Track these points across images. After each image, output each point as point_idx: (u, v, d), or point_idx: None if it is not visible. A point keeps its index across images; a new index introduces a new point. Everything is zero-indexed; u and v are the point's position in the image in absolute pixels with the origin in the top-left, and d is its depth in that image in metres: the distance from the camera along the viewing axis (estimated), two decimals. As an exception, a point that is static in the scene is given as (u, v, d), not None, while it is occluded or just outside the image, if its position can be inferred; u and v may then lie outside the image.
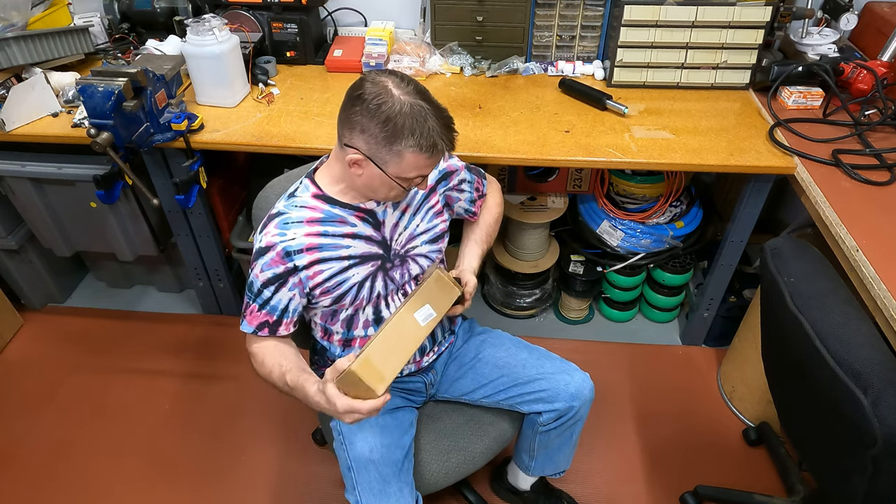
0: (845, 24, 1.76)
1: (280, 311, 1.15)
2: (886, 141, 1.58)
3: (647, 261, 2.00)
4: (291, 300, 1.15)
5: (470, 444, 1.35)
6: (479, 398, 1.38)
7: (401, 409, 1.33)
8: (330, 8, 2.04)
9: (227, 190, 2.03)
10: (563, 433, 1.37)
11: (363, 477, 1.19)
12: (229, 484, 1.76)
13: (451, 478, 1.33)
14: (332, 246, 1.15)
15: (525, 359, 1.35)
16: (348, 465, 1.22)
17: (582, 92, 1.78)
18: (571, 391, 1.29)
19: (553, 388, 1.29)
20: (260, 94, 1.79)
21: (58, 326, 2.24)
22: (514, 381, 1.32)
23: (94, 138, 1.47)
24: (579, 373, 1.32)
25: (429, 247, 1.27)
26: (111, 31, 2.00)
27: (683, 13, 1.70)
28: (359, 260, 1.17)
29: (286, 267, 1.12)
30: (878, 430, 0.87)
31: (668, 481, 1.75)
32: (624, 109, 1.69)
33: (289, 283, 1.13)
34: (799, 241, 1.17)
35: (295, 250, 1.11)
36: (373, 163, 1.05)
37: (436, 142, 1.01)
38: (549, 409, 1.31)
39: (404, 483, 1.21)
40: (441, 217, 1.29)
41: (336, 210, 1.16)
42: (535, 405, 1.32)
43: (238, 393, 1.99)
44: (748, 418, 1.88)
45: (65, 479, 1.78)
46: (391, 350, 1.00)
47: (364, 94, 1.00)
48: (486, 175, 1.40)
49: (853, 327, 0.96)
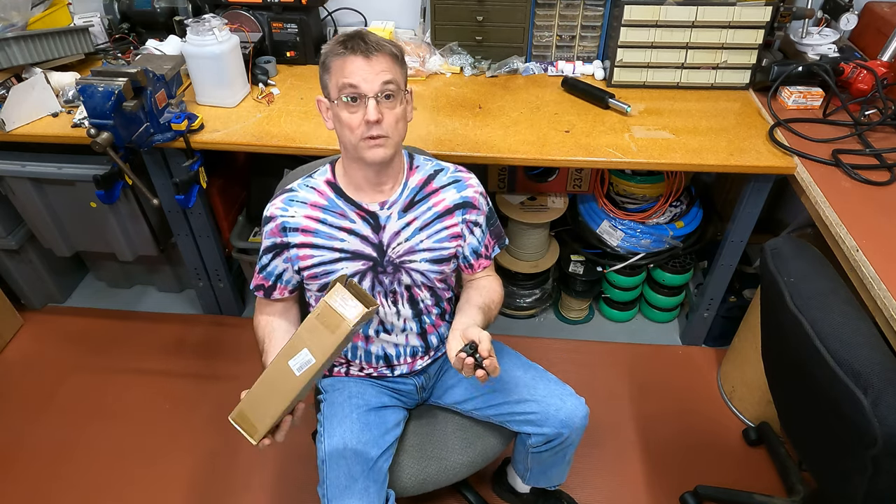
0: (845, 24, 1.76)
1: (274, 276, 1.25)
2: (886, 141, 1.58)
3: (647, 261, 2.00)
4: (285, 271, 1.24)
5: (452, 454, 1.32)
6: (469, 409, 1.35)
7: (388, 408, 1.32)
8: (330, 8, 2.04)
9: (227, 190, 2.03)
10: (556, 455, 1.34)
11: (333, 472, 1.19)
12: (229, 484, 1.76)
13: (428, 485, 1.29)
14: (326, 235, 1.18)
15: (519, 377, 1.30)
16: (322, 457, 1.22)
17: (585, 91, 1.79)
18: (562, 417, 1.25)
19: (543, 412, 1.25)
20: (260, 94, 1.79)
21: (58, 326, 2.24)
22: (505, 399, 1.29)
23: (94, 138, 1.47)
24: (572, 398, 1.27)
25: (429, 265, 1.23)
26: (111, 31, 2.00)
27: (683, 13, 1.70)
28: (350, 255, 1.19)
29: (281, 240, 1.20)
30: (878, 430, 0.87)
31: (668, 481, 1.75)
32: (626, 108, 1.70)
33: (283, 255, 1.21)
34: (799, 241, 1.17)
35: (290, 227, 1.18)
36: (326, 100, 1.13)
37: (345, 41, 1.07)
38: (537, 432, 1.27)
39: (371, 481, 1.18)
40: (456, 242, 1.24)
41: (340, 202, 1.19)
42: (524, 426, 1.29)
43: (238, 393, 1.97)
44: (748, 418, 1.88)
45: (65, 478, 1.78)
46: (264, 402, 0.97)
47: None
48: (500, 247, 1.34)
49: (853, 327, 0.96)
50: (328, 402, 1.32)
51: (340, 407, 1.29)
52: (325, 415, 1.29)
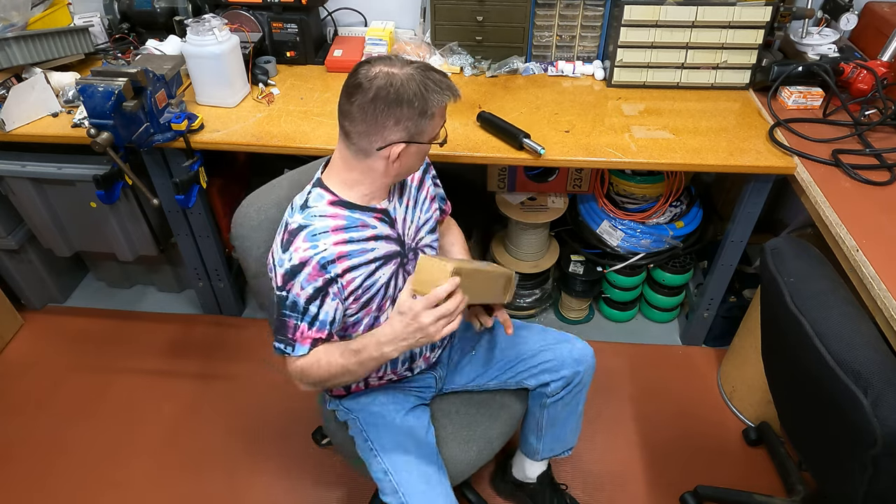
0: (845, 24, 1.76)
1: (329, 323, 1.11)
2: (886, 141, 1.58)
3: (647, 261, 2.00)
4: (336, 310, 1.12)
5: (487, 430, 1.38)
6: (486, 381, 1.40)
7: (418, 408, 1.35)
8: (330, 8, 2.04)
9: (227, 190, 2.03)
10: (570, 403, 1.39)
11: (405, 479, 1.20)
12: (228, 483, 1.76)
13: (475, 465, 1.35)
14: (359, 251, 1.12)
15: (526, 335, 1.39)
16: (384, 469, 1.22)
17: (500, 128, 1.63)
18: (575, 356, 1.34)
19: (558, 358, 1.33)
20: (260, 94, 1.79)
21: (58, 326, 2.24)
22: (519, 357, 1.36)
23: (94, 138, 1.47)
24: (579, 341, 1.38)
25: (430, 237, 1.29)
26: (111, 31, 2.00)
27: (683, 13, 1.70)
28: (383, 261, 1.17)
29: (324, 279, 1.08)
30: (878, 430, 0.87)
31: (668, 481, 1.75)
32: (540, 150, 1.54)
33: (330, 293, 1.10)
34: (799, 241, 1.17)
35: (329, 260, 1.08)
36: (414, 143, 1.07)
37: (448, 84, 1.06)
38: (556, 378, 1.34)
39: (443, 476, 1.23)
40: (434, 204, 1.32)
41: (356, 214, 1.14)
42: (542, 377, 1.35)
43: (238, 393, 1.99)
44: (748, 418, 1.88)
45: (64, 478, 1.78)
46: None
47: (380, 92, 1.01)
48: None
49: (853, 327, 0.96)
50: (364, 417, 1.30)
51: (381, 417, 1.29)
52: (366, 428, 1.29)
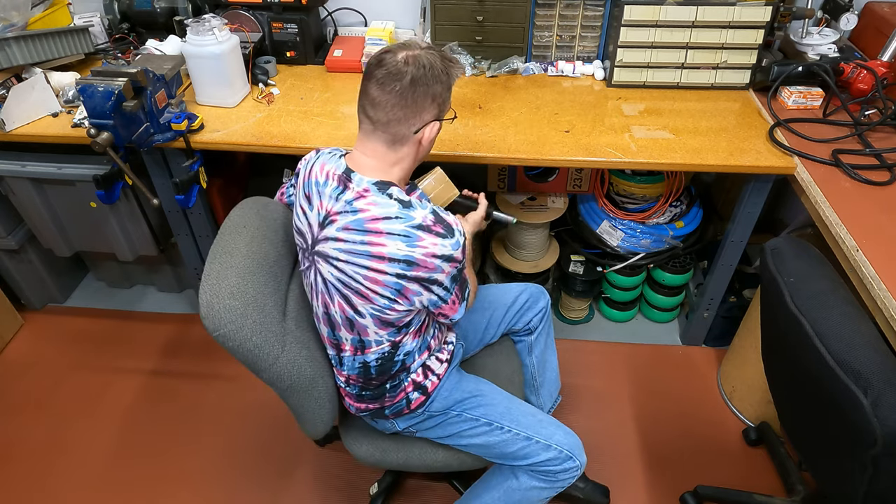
0: (845, 24, 1.76)
1: None
2: (886, 141, 1.58)
3: (647, 261, 2.00)
4: None
5: (515, 370, 1.57)
6: (491, 337, 1.56)
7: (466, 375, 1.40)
8: (330, 8, 2.04)
9: (227, 190, 2.03)
10: (544, 329, 1.61)
11: (517, 420, 1.31)
12: (228, 483, 1.76)
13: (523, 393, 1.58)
14: None
15: (493, 292, 1.59)
16: (495, 419, 1.31)
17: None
18: (540, 290, 1.61)
19: (530, 294, 1.58)
20: (260, 94, 1.79)
21: (58, 326, 2.24)
22: (505, 309, 1.56)
23: (94, 138, 1.47)
24: (532, 285, 1.61)
25: None
26: (111, 31, 2.00)
27: (683, 13, 1.70)
28: None
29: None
30: (878, 430, 0.87)
31: (668, 481, 1.75)
32: (512, 220, 1.47)
33: None
34: (799, 241, 1.17)
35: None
36: (440, 120, 1.13)
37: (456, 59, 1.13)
38: (536, 310, 1.58)
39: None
40: None
41: None
42: (527, 314, 1.57)
43: (237, 393, 1.99)
44: (748, 418, 1.88)
45: (64, 478, 1.78)
46: None
47: (416, 74, 1.05)
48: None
49: (853, 327, 0.96)
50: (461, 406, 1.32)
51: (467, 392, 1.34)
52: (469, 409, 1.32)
